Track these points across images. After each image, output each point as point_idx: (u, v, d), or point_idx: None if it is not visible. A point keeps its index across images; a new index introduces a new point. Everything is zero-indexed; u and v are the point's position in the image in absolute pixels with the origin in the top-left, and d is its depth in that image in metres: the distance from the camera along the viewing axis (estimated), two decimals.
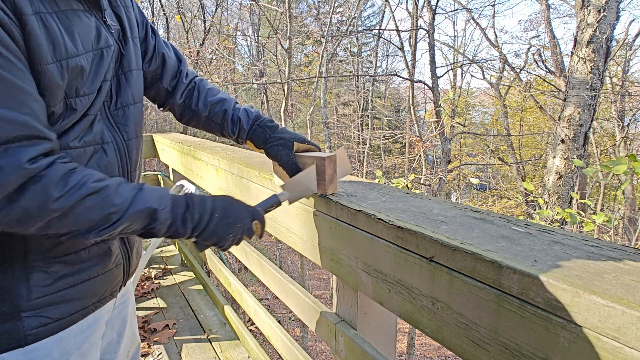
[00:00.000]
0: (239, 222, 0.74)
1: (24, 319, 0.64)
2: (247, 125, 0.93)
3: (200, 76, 1.03)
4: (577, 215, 2.77)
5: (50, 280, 0.67)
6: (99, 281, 0.74)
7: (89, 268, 0.72)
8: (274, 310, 10.30)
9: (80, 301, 0.71)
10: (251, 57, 15.22)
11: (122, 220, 0.61)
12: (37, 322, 0.66)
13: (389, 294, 0.69)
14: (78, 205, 0.57)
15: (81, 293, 0.71)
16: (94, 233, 0.60)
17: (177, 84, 0.96)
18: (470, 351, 0.55)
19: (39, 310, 0.65)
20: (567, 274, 0.45)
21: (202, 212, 0.71)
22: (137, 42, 0.81)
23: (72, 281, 0.70)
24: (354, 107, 16.82)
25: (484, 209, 0.75)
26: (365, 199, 0.81)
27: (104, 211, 0.60)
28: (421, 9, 9.73)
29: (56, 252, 0.67)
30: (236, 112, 0.95)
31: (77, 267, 0.70)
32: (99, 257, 0.74)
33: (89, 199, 0.58)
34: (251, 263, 1.52)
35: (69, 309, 0.70)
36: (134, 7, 0.84)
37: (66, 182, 0.56)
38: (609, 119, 10.54)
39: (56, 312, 0.68)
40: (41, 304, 0.66)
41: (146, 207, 0.64)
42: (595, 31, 3.82)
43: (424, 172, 9.26)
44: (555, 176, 4.19)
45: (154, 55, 0.90)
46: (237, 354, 1.86)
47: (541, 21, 12.10)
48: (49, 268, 0.67)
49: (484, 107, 16.33)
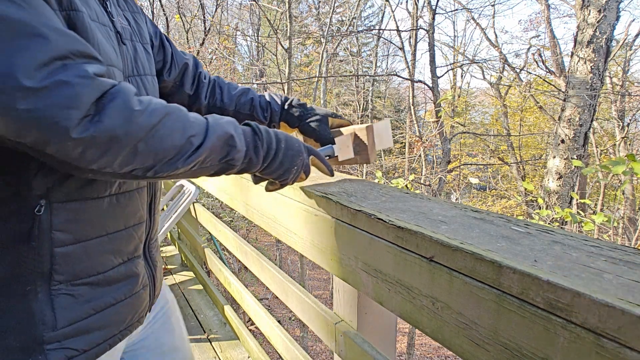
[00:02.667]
0: (301, 155, 0.71)
1: (48, 352, 0.56)
2: (279, 107, 0.94)
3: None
4: (577, 215, 2.77)
5: (76, 305, 0.59)
6: (125, 305, 0.68)
7: (116, 291, 0.66)
8: (274, 310, 10.30)
9: (107, 330, 0.64)
10: (251, 57, 15.23)
11: (204, 146, 0.55)
12: (63, 355, 0.58)
13: (389, 294, 0.69)
14: (160, 127, 0.51)
15: (108, 320, 0.64)
16: (182, 161, 0.53)
17: (199, 86, 0.96)
18: (470, 351, 0.55)
19: (64, 342, 0.58)
20: (567, 274, 0.45)
21: (269, 140, 0.66)
22: (148, 49, 0.78)
23: (99, 306, 0.63)
24: (354, 107, 16.81)
25: (484, 209, 0.75)
26: (365, 199, 0.81)
27: (185, 134, 0.54)
28: (421, 9, 9.74)
29: (84, 271, 0.60)
30: (262, 98, 0.95)
31: (103, 289, 0.63)
32: (126, 278, 0.68)
33: (168, 119, 0.52)
34: (251, 263, 1.52)
35: (96, 339, 0.63)
36: (146, 18, 0.83)
37: (140, 100, 0.50)
38: (609, 119, 10.54)
39: (82, 342, 0.60)
40: (66, 334, 0.58)
41: (224, 132, 0.59)
42: (595, 31, 3.82)
43: (424, 172, 9.27)
44: (555, 176, 4.19)
45: (172, 64, 0.89)
46: (237, 354, 1.86)
47: (541, 21, 12.11)
48: (75, 291, 0.59)
49: (484, 107, 16.33)
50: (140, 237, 0.71)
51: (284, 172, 0.69)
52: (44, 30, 0.43)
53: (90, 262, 0.61)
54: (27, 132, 0.43)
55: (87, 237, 0.60)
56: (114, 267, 0.65)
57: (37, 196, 0.53)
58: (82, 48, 0.47)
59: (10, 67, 0.40)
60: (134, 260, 0.70)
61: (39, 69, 0.42)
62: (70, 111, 0.43)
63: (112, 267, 0.65)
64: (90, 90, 0.45)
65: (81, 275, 0.60)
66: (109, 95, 0.47)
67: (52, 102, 0.42)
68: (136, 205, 0.68)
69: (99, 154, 0.47)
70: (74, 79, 0.44)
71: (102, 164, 0.48)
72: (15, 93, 0.40)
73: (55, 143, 0.44)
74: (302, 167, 0.72)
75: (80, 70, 0.45)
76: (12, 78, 0.40)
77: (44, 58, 0.42)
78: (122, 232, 0.66)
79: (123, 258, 0.67)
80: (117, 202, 0.64)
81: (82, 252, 0.59)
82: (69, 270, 0.58)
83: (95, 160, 0.47)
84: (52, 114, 0.42)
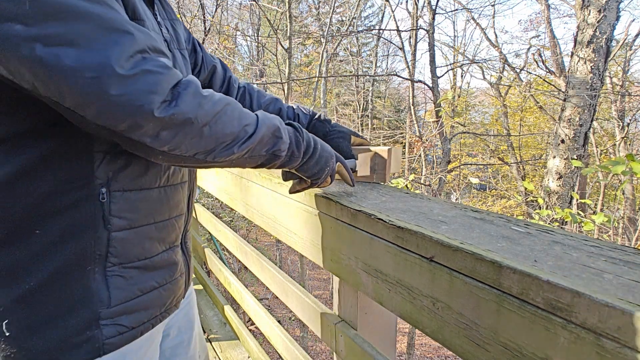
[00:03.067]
0: (332, 158, 0.76)
1: (103, 327, 0.62)
2: (306, 120, 0.98)
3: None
4: (577, 215, 2.77)
5: (127, 286, 0.65)
6: (166, 289, 0.73)
7: (159, 276, 0.71)
8: (274, 310, 10.30)
9: (150, 310, 0.70)
10: (251, 57, 15.22)
11: (256, 134, 0.61)
12: (115, 330, 0.63)
13: (389, 294, 0.69)
14: (222, 114, 0.57)
15: (151, 302, 0.70)
16: (237, 146, 0.60)
17: (229, 90, 0.99)
18: (470, 351, 0.55)
19: (116, 318, 0.63)
20: (567, 274, 0.45)
21: (308, 139, 0.72)
22: (185, 54, 0.83)
23: (144, 288, 0.68)
24: (354, 107, 16.82)
25: (484, 209, 0.75)
26: (365, 199, 0.81)
27: (241, 122, 0.60)
28: (421, 9, 9.74)
29: (134, 255, 0.66)
30: (290, 109, 0.99)
31: (149, 274, 0.69)
32: (168, 265, 0.73)
33: (228, 108, 0.58)
34: (251, 263, 1.52)
35: (142, 318, 0.68)
36: (182, 24, 0.87)
37: (205, 90, 0.57)
38: (609, 119, 10.54)
39: (131, 320, 0.66)
40: (118, 312, 0.64)
41: (272, 124, 0.65)
42: (595, 31, 3.82)
43: (424, 172, 9.27)
44: (555, 176, 4.19)
45: (202, 66, 0.95)
46: (237, 354, 1.86)
47: (541, 21, 12.11)
48: (126, 273, 0.65)
49: (484, 107, 16.32)
50: (180, 228, 0.77)
51: (318, 171, 0.74)
52: (130, 28, 0.50)
53: (139, 248, 0.66)
54: (116, 115, 0.48)
55: (139, 224, 0.65)
56: (158, 254, 0.71)
57: (100, 185, 0.60)
58: (156, 44, 0.54)
59: (107, 58, 0.46)
60: (174, 249, 0.75)
61: (127, 60, 0.48)
62: (153, 96, 0.49)
63: (157, 254, 0.70)
64: (168, 78, 0.51)
65: (132, 258, 0.65)
66: (183, 84, 0.53)
67: (138, 88, 0.48)
68: (179, 198, 0.75)
69: (172, 135, 0.52)
70: (156, 68, 0.50)
71: (173, 145, 0.53)
72: (109, 80, 0.46)
73: (138, 124, 0.49)
74: (331, 170, 0.77)
75: (159, 61, 0.51)
76: (108, 67, 0.46)
77: (131, 51, 0.48)
78: (166, 222, 0.71)
79: (166, 246, 0.72)
80: (164, 194, 0.70)
81: (134, 237, 0.65)
82: (122, 253, 0.64)
83: (169, 141, 0.53)
84: (139, 97, 0.48)
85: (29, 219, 0.56)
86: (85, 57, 0.45)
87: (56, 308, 0.59)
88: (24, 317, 0.57)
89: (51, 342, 0.58)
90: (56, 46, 0.44)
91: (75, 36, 0.45)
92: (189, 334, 0.91)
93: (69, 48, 0.45)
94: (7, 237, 0.55)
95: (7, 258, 0.56)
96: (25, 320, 0.57)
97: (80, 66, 0.45)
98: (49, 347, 0.58)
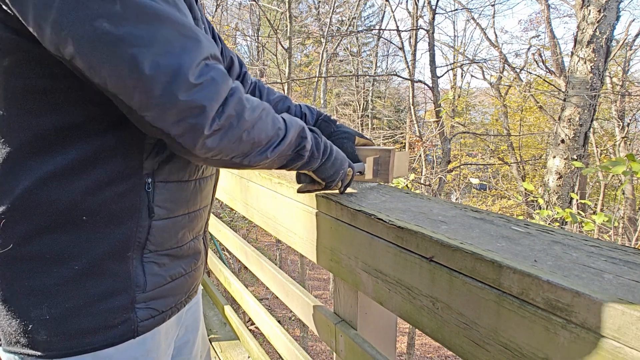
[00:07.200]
0: (346, 162, 0.79)
1: (137, 310, 0.65)
2: (313, 119, 1.00)
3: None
4: (577, 215, 2.77)
5: (160, 272, 0.68)
6: (190, 277, 0.76)
7: (186, 263, 0.74)
8: (274, 310, 10.30)
9: (177, 296, 0.73)
10: (251, 57, 15.22)
11: (286, 136, 0.64)
12: (148, 314, 0.66)
13: (389, 294, 0.69)
14: (260, 119, 0.59)
15: (179, 287, 0.73)
16: (271, 149, 0.62)
17: (244, 84, 0.99)
18: (470, 351, 0.55)
19: (149, 302, 0.66)
20: (567, 274, 0.45)
21: (325, 141, 0.75)
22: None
23: (174, 274, 0.71)
24: (354, 107, 16.81)
25: (484, 209, 0.75)
26: (365, 199, 0.81)
27: (275, 126, 0.62)
28: (421, 9, 9.73)
29: (168, 243, 0.68)
30: (298, 108, 1.00)
31: (178, 261, 0.72)
32: (193, 253, 0.76)
33: (264, 113, 0.61)
34: (251, 263, 1.52)
35: (170, 303, 0.71)
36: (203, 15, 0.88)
37: (247, 97, 0.59)
38: (609, 119, 10.54)
39: (161, 304, 0.69)
40: (152, 296, 0.67)
41: (298, 125, 0.67)
42: (595, 31, 3.82)
43: (424, 172, 9.27)
44: (555, 176, 4.19)
45: (222, 58, 0.94)
46: (237, 354, 1.86)
47: (541, 21, 12.12)
48: (160, 260, 0.68)
49: (484, 107, 16.32)
50: (205, 218, 0.80)
51: (334, 173, 0.76)
52: (199, 35, 0.51)
53: (174, 236, 0.69)
54: (175, 120, 0.49)
55: (176, 214, 0.68)
56: (187, 242, 0.73)
57: (146, 175, 0.62)
58: (216, 51, 0.55)
59: (181, 64, 0.48)
60: (199, 238, 0.78)
61: (197, 66, 0.49)
62: (214, 103, 0.51)
63: (186, 242, 0.73)
64: (226, 86, 0.53)
65: (166, 246, 0.68)
66: (231, 91, 0.55)
67: (203, 95, 0.50)
68: (209, 189, 0.78)
69: (217, 140, 0.54)
70: (219, 77, 0.52)
71: (217, 151, 0.55)
72: (180, 85, 0.48)
73: (195, 129, 0.51)
74: (344, 174, 0.79)
75: (220, 69, 0.53)
76: (182, 73, 0.47)
77: (200, 58, 0.50)
78: (197, 212, 0.74)
79: (193, 235, 0.75)
80: (198, 185, 0.73)
81: (171, 226, 0.67)
82: (158, 241, 0.66)
83: (214, 147, 0.54)
84: (203, 104, 0.50)
85: (78, 207, 0.57)
86: (162, 61, 0.47)
87: (97, 291, 0.60)
88: (65, 300, 0.58)
89: (89, 323, 0.60)
90: (138, 47, 0.46)
91: (156, 40, 0.47)
92: (194, 334, 0.92)
93: (149, 50, 0.46)
94: (55, 223, 0.57)
95: (53, 243, 0.57)
96: (65, 303, 0.58)
97: (156, 69, 0.46)
98: (87, 328, 0.60)
